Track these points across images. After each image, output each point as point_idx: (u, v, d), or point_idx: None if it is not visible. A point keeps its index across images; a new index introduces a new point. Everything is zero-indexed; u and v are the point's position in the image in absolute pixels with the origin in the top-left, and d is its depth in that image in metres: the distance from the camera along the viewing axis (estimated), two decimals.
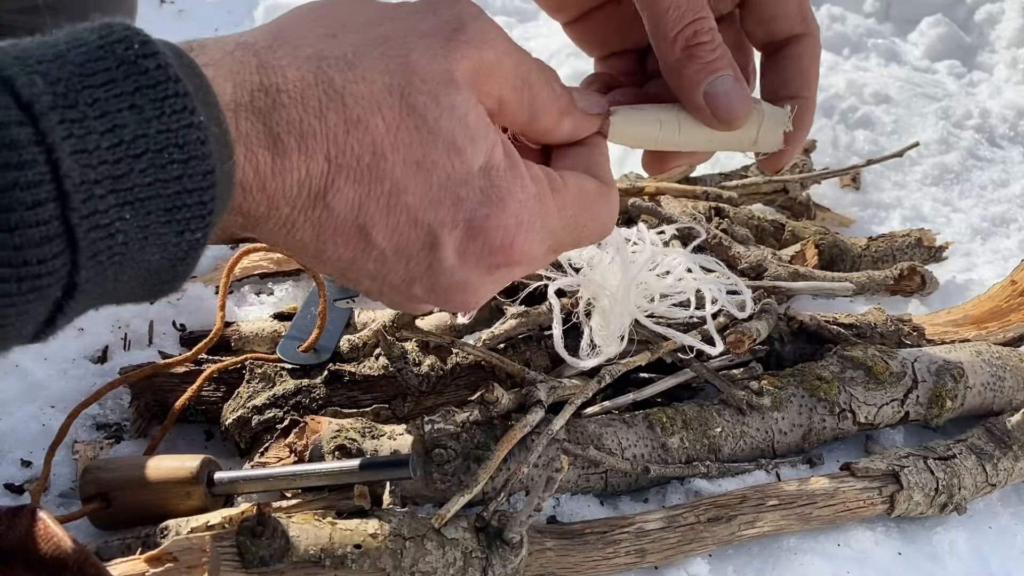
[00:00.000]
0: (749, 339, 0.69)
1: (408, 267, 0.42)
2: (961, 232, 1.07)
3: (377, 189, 0.40)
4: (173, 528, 0.57)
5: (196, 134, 0.33)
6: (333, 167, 0.39)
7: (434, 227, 0.41)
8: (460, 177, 0.41)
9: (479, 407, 0.64)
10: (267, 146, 0.37)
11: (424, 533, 0.54)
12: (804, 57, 0.56)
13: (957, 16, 1.54)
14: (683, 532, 0.61)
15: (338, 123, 0.38)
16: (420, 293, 0.44)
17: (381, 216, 0.40)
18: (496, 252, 0.43)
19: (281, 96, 0.37)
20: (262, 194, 0.38)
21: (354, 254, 0.42)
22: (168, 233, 0.33)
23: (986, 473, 0.68)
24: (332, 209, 0.39)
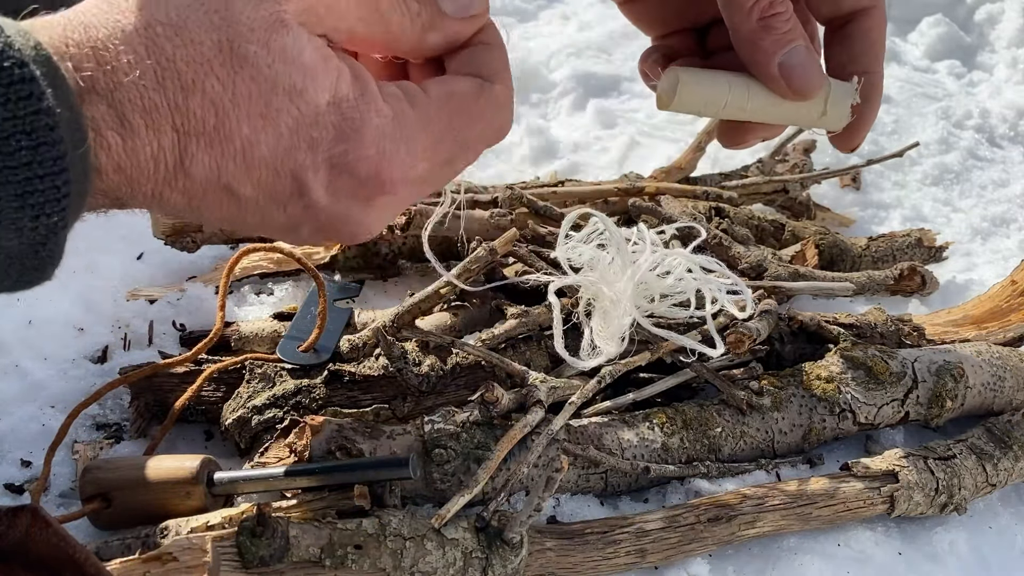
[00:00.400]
0: (749, 339, 0.69)
1: (287, 212, 0.42)
2: (961, 232, 1.07)
3: (229, 148, 0.39)
4: (173, 528, 0.57)
5: (44, 120, 0.32)
6: (182, 136, 0.38)
7: (296, 173, 0.41)
8: (309, 118, 0.40)
9: (479, 407, 0.64)
10: (115, 128, 0.37)
11: (424, 533, 0.54)
12: (872, 31, 0.55)
13: (957, 16, 1.54)
14: (683, 532, 0.61)
15: (176, 91, 0.38)
16: (308, 233, 0.44)
17: (242, 173, 0.40)
18: (366, 183, 0.42)
19: (117, 74, 0.37)
20: (119, 175, 0.38)
21: (231, 211, 0.41)
22: (22, 218, 0.33)
23: (986, 473, 0.68)
24: (193, 176, 0.39)
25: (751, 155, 1.14)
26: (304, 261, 0.73)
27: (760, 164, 1.04)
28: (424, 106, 0.44)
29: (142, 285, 0.83)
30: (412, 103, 0.43)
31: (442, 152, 0.45)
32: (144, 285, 0.83)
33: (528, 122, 1.17)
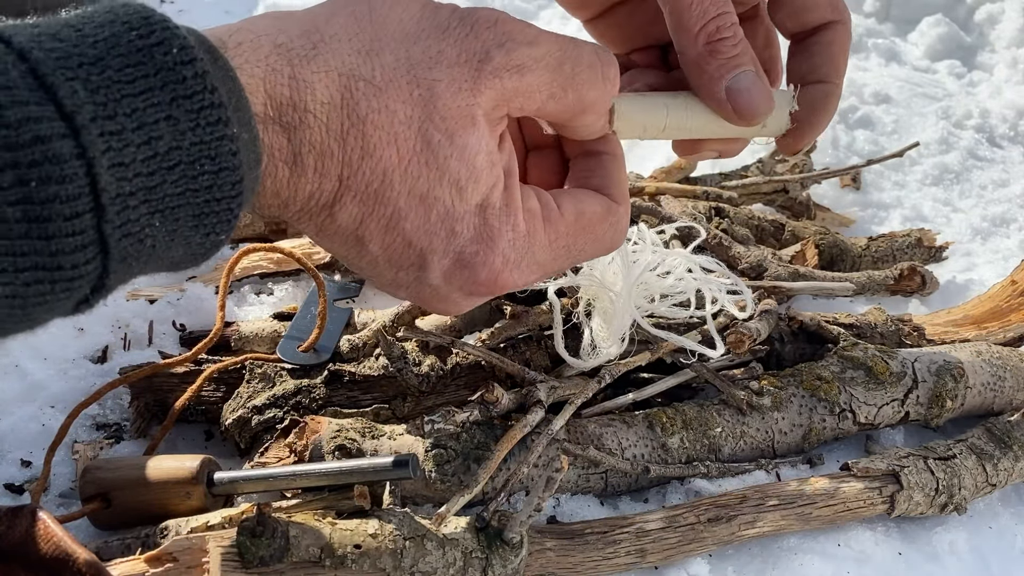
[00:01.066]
0: (749, 339, 0.69)
1: (397, 275, 0.45)
2: (961, 232, 1.07)
3: (380, 211, 0.42)
4: (173, 528, 0.57)
5: (228, 146, 0.34)
6: (343, 187, 0.40)
7: (426, 253, 0.43)
8: (458, 214, 0.43)
9: (479, 407, 0.64)
10: (287, 161, 0.39)
11: (424, 533, 0.54)
12: (834, 44, 0.56)
13: (957, 16, 1.54)
14: (683, 532, 0.61)
15: (355, 148, 0.40)
16: (404, 295, 0.47)
17: (379, 234, 0.43)
18: (480, 284, 0.45)
19: (307, 116, 0.38)
20: (275, 199, 0.40)
21: (349, 253, 0.44)
22: (194, 236, 0.35)
23: (986, 473, 0.68)
24: (335, 219, 0.42)
25: (751, 155, 1.14)
26: (304, 261, 0.73)
27: (760, 164, 1.04)
28: (555, 224, 0.46)
29: (142, 285, 0.83)
30: (546, 221, 0.46)
31: (553, 266, 0.48)
32: (144, 285, 0.83)
33: None
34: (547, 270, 0.48)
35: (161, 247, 0.34)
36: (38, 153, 0.29)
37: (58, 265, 0.30)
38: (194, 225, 0.34)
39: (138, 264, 0.34)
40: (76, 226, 0.30)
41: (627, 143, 1.20)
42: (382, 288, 0.47)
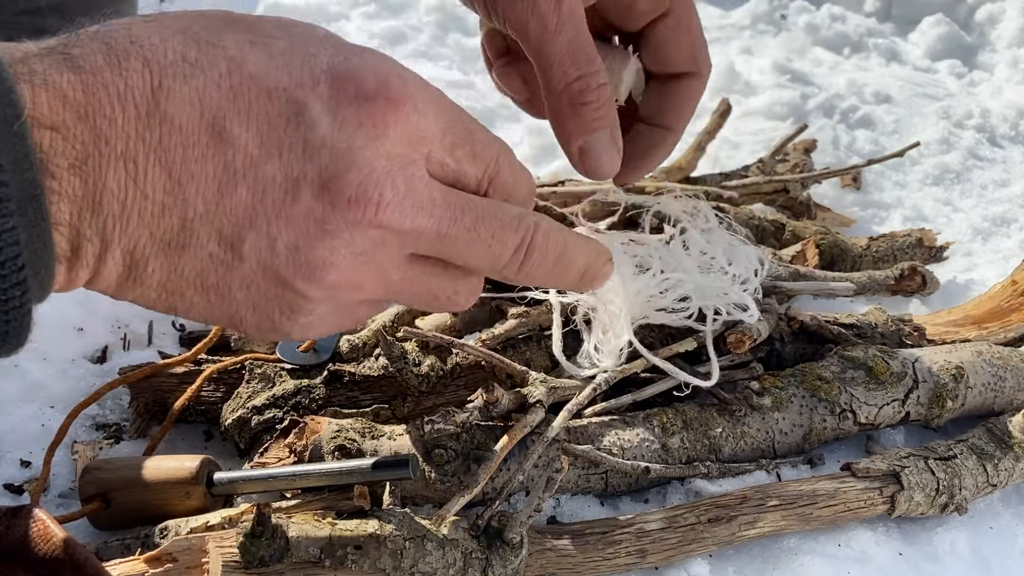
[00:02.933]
0: (750, 339, 0.69)
1: (283, 159, 0.36)
2: (962, 232, 1.07)
3: (213, 73, 0.35)
4: (173, 528, 0.57)
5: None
6: (155, 70, 0.34)
7: (291, 89, 0.36)
8: (304, 40, 0.37)
9: (479, 407, 0.64)
10: (69, 68, 0.33)
11: (424, 534, 0.54)
12: (684, 96, 0.58)
13: (958, 16, 1.54)
14: (683, 532, 0.61)
15: (148, 33, 0.35)
16: (311, 198, 0.37)
17: (228, 101, 0.35)
18: (374, 95, 0.37)
19: (79, 36, 0.34)
20: (80, 122, 0.33)
21: (218, 175, 0.36)
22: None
23: (987, 473, 0.68)
24: (170, 116, 0.34)
25: (751, 155, 1.14)
26: None
27: (760, 164, 1.04)
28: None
29: None
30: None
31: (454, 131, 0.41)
32: None
33: (528, 122, 1.17)
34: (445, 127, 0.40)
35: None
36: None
37: None
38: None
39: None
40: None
41: None
42: (288, 242, 0.37)
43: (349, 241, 0.38)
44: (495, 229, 0.42)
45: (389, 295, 0.42)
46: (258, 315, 0.40)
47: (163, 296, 0.38)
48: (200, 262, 0.37)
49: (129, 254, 0.36)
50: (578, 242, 0.47)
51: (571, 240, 0.46)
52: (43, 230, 0.32)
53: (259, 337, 0.42)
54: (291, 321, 0.40)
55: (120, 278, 0.37)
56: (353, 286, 0.39)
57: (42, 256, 0.32)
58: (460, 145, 0.41)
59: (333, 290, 0.39)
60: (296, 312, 0.40)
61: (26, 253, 0.31)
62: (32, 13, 0.93)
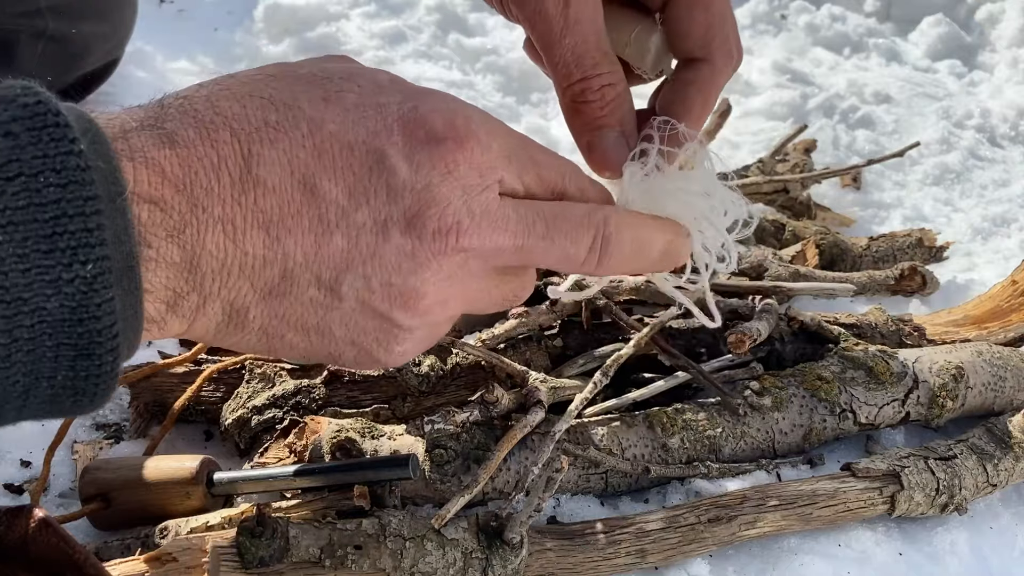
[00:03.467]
0: (750, 339, 0.69)
1: (371, 205, 0.39)
2: (962, 232, 1.07)
3: (296, 135, 0.38)
4: (173, 528, 0.57)
5: (75, 161, 0.31)
6: (243, 138, 0.37)
7: (369, 141, 0.39)
8: (372, 90, 0.40)
9: (479, 407, 0.64)
10: (167, 144, 0.36)
11: (424, 533, 0.54)
12: (693, 84, 0.54)
13: (958, 16, 1.54)
14: (683, 532, 0.61)
15: (230, 103, 0.37)
16: (399, 236, 0.40)
17: (314, 159, 0.38)
18: (443, 137, 0.40)
19: (167, 108, 0.37)
20: (178, 194, 0.36)
21: (314, 227, 0.39)
22: (54, 265, 0.31)
23: (987, 473, 0.68)
24: (262, 180, 0.37)
25: (751, 155, 1.14)
26: None
27: (760, 164, 1.04)
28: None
29: None
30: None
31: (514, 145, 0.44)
32: None
33: (528, 121, 1.17)
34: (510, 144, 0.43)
35: (15, 276, 0.31)
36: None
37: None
38: (48, 249, 0.31)
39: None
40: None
41: None
42: (385, 280, 0.41)
43: (437, 269, 0.41)
44: (567, 230, 0.44)
45: (469, 307, 0.45)
46: (356, 349, 0.43)
47: (264, 339, 0.41)
48: (301, 306, 0.40)
49: (230, 304, 0.39)
50: (651, 224, 0.49)
51: (644, 224, 0.48)
52: (136, 298, 0.35)
53: (358, 369, 0.46)
54: (388, 351, 0.43)
55: (219, 326, 0.40)
56: (441, 307, 0.43)
57: (133, 321, 0.35)
58: (527, 170, 0.44)
59: (426, 315, 0.42)
60: (392, 341, 0.43)
61: (120, 321, 0.33)
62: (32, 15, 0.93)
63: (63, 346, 0.33)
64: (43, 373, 0.33)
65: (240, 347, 0.42)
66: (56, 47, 0.96)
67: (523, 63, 1.27)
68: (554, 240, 0.44)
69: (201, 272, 0.37)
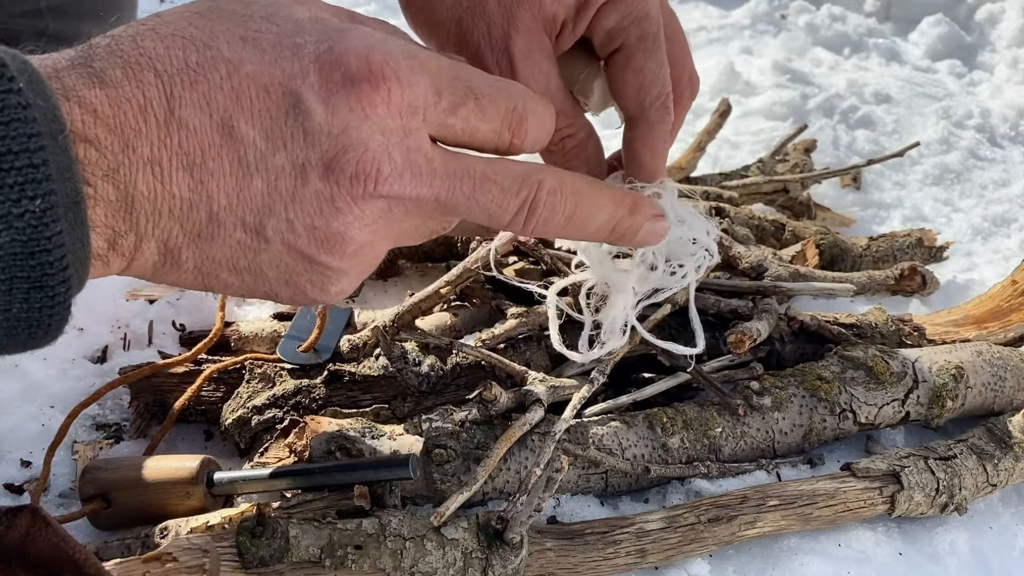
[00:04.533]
0: (750, 339, 0.69)
1: (288, 149, 0.39)
2: (962, 232, 1.07)
3: (215, 76, 0.38)
4: (173, 528, 0.57)
5: (15, 99, 0.32)
6: (165, 80, 0.37)
7: (286, 83, 0.39)
8: (290, 30, 0.40)
9: (478, 406, 0.64)
10: (96, 83, 0.36)
11: (424, 533, 0.54)
12: (635, 140, 0.55)
13: (958, 16, 1.54)
14: (683, 532, 0.61)
15: (154, 43, 0.38)
16: (317, 181, 0.40)
17: (232, 101, 0.38)
18: (358, 78, 0.39)
19: (95, 48, 0.37)
20: (111, 134, 0.36)
21: (234, 170, 0.39)
22: (3, 201, 0.32)
23: (987, 473, 0.68)
24: (184, 121, 0.37)
25: (751, 155, 1.14)
26: None
27: (761, 164, 1.04)
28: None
29: (142, 285, 0.83)
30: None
31: (446, 77, 0.42)
32: (144, 285, 0.83)
33: None
34: (436, 71, 0.42)
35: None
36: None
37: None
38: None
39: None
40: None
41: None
42: (305, 222, 0.40)
43: (359, 215, 0.41)
44: (495, 194, 0.44)
45: (399, 243, 0.46)
46: (291, 288, 0.43)
47: (199, 278, 0.42)
48: (230, 248, 0.41)
49: (163, 244, 0.39)
50: (597, 197, 0.48)
51: (588, 196, 0.47)
52: (83, 232, 0.35)
53: (295, 305, 0.46)
54: (323, 291, 0.44)
55: (156, 266, 0.40)
56: (370, 248, 0.43)
57: (81, 255, 0.35)
58: (462, 103, 0.43)
59: (355, 257, 0.42)
60: (325, 282, 0.43)
61: (70, 254, 0.34)
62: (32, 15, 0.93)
63: (16, 280, 0.33)
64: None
65: (179, 284, 0.42)
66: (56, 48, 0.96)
67: None
68: (478, 201, 0.43)
69: (136, 213, 0.38)
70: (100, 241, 0.37)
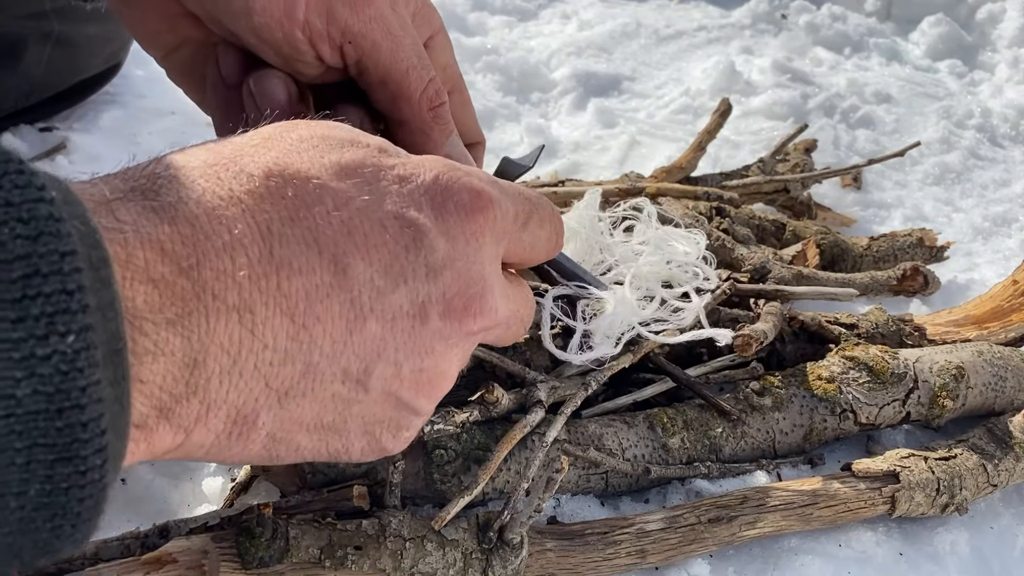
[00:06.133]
0: (756, 343, 0.69)
1: (408, 286, 0.36)
2: (962, 232, 1.07)
3: (320, 210, 0.34)
4: (173, 528, 0.57)
5: (47, 209, 0.24)
6: (259, 215, 0.32)
7: (401, 215, 0.36)
8: (378, 154, 0.38)
9: (479, 407, 0.63)
10: (164, 219, 0.30)
11: (424, 534, 0.54)
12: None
13: (958, 15, 1.54)
14: (683, 533, 0.61)
15: (232, 173, 0.33)
16: (437, 319, 0.37)
17: (344, 236, 0.34)
18: (471, 208, 0.38)
19: (157, 179, 0.32)
20: (182, 276, 0.30)
21: (345, 312, 0.34)
22: (26, 338, 0.24)
23: (987, 473, 0.68)
24: (287, 261, 0.32)
25: (752, 154, 1.14)
26: None
27: (761, 164, 1.03)
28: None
29: None
30: None
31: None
32: None
33: (528, 121, 1.17)
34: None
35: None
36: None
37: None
38: (17, 318, 0.23)
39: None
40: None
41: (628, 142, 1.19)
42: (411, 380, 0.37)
43: (464, 349, 0.39)
44: (528, 316, 0.46)
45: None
46: (367, 440, 0.39)
47: (267, 449, 0.35)
48: (319, 404, 0.35)
49: (236, 410, 0.33)
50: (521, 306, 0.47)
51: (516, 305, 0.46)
52: (122, 391, 0.27)
53: (357, 461, 0.40)
54: (396, 438, 0.40)
55: (218, 440, 0.33)
56: (450, 383, 0.41)
57: (120, 422, 0.27)
58: (531, 216, 0.43)
59: (441, 396, 0.40)
60: (405, 428, 0.40)
61: (108, 414, 0.26)
62: (38, 17, 0.93)
63: (37, 448, 0.25)
64: (10, 487, 0.25)
65: (237, 460, 0.35)
66: (62, 50, 0.96)
67: (523, 63, 1.27)
68: (516, 329, 0.44)
69: (205, 371, 0.31)
70: (146, 406, 0.30)
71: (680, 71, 1.36)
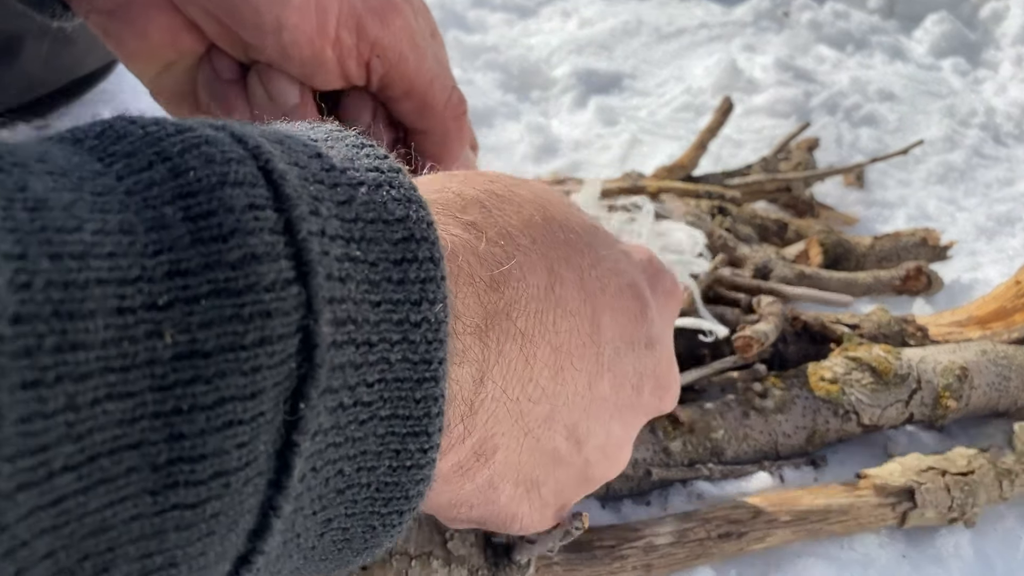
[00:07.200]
0: (758, 344, 0.68)
1: (635, 354, 0.35)
2: (966, 231, 1.07)
3: (583, 260, 0.34)
4: None
5: (407, 179, 0.25)
6: (542, 249, 0.32)
7: (635, 285, 0.36)
8: (596, 226, 0.37)
9: None
10: (469, 227, 0.30)
11: (430, 550, 0.54)
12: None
13: (962, 13, 1.53)
14: (692, 547, 0.60)
15: (507, 203, 0.32)
16: (648, 394, 0.37)
17: (599, 292, 0.34)
18: (672, 292, 0.40)
19: (446, 193, 0.31)
20: (490, 289, 0.30)
21: (589, 365, 0.33)
22: (403, 301, 0.24)
23: (1001, 489, 0.67)
24: (563, 301, 0.32)
25: (754, 153, 1.13)
26: None
27: (763, 162, 1.03)
28: None
29: None
30: None
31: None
32: None
33: (528, 120, 1.16)
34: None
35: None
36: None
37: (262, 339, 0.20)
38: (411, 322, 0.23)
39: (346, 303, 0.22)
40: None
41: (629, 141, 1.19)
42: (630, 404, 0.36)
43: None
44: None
45: None
46: (539, 512, 0.37)
47: (479, 493, 0.33)
48: (539, 456, 0.33)
49: (482, 444, 0.30)
50: None
51: None
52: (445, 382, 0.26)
53: (502, 532, 0.38)
54: (544, 517, 0.38)
55: (450, 472, 0.31)
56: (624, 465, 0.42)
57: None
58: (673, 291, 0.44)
59: (613, 476, 0.41)
60: (565, 507, 0.39)
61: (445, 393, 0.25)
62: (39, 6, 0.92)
63: (396, 419, 0.24)
64: (366, 459, 0.24)
65: (431, 500, 0.31)
66: (60, 46, 0.95)
67: (523, 61, 1.26)
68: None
69: (483, 392, 0.29)
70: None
71: (682, 69, 1.36)
